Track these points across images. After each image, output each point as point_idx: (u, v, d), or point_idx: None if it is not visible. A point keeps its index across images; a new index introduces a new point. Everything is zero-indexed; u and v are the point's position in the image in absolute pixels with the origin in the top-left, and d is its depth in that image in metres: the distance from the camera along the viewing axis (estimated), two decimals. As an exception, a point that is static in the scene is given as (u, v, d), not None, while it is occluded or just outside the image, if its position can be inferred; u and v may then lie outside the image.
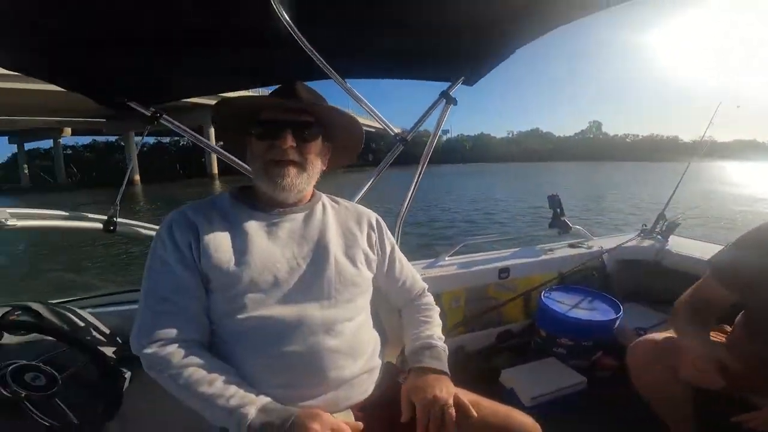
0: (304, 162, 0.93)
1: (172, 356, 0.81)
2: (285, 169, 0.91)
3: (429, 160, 1.67)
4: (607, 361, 1.82)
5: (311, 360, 0.87)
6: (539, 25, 1.19)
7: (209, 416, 0.80)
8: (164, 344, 0.82)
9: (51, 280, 7.07)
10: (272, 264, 0.90)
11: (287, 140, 0.90)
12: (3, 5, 0.82)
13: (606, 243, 2.31)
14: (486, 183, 27.92)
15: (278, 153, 0.91)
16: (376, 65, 1.50)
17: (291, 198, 0.97)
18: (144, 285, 0.88)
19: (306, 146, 0.93)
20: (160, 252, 0.89)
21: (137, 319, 0.86)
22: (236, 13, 0.99)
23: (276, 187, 0.93)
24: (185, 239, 0.89)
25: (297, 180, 0.93)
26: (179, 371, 0.80)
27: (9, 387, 0.94)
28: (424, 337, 1.05)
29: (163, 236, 0.90)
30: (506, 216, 12.39)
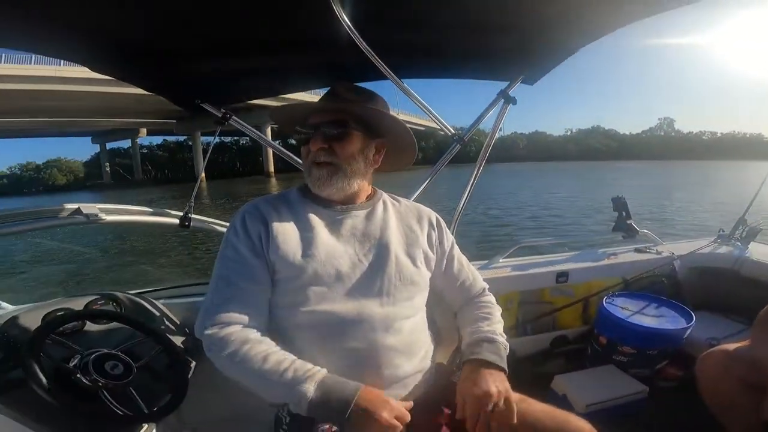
0: (338, 162, 0.95)
1: (231, 336, 0.83)
2: (318, 170, 0.95)
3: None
4: (672, 370, 1.72)
5: (369, 356, 0.88)
6: (606, 22, 1.14)
7: (268, 394, 0.83)
8: (224, 326, 0.85)
9: (129, 271, 7.72)
10: (335, 259, 0.92)
11: (316, 143, 0.94)
12: (99, 21, 0.94)
13: (677, 248, 2.15)
14: (542, 182, 26.77)
15: (312, 156, 0.96)
16: (433, 65, 1.50)
17: (335, 195, 0.99)
18: (215, 270, 0.92)
19: (337, 146, 0.95)
20: (233, 240, 0.93)
21: (204, 303, 0.89)
22: (300, 18, 1.04)
23: (314, 186, 0.97)
24: (256, 229, 0.93)
25: (333, 179, 0.95)
26: (236, 349, 0.82)
27: (90, 375, 0.98)
28: (485, 331, 1.02)
29: (236, 225, 0.95)
30: (565, 218, 11.84)
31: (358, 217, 1.00)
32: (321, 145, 0.94)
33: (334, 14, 0.97)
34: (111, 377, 0.99)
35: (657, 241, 2.21)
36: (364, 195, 1.04)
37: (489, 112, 1.62)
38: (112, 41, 1.01)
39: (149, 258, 8.67)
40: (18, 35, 0.95)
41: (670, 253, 2.09)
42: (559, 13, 1.10)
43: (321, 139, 0.94)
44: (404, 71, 1.40)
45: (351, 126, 0.95)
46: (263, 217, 0.95)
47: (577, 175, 33.77)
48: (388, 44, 1.18)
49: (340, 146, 0.95)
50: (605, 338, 1.78)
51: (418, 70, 1.52)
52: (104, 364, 1.01)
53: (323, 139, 0.94)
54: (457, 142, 1.60)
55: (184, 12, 0.94)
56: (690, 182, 24.25)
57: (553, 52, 1.35)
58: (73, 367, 0.97)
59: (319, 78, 1.52)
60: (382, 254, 0.96)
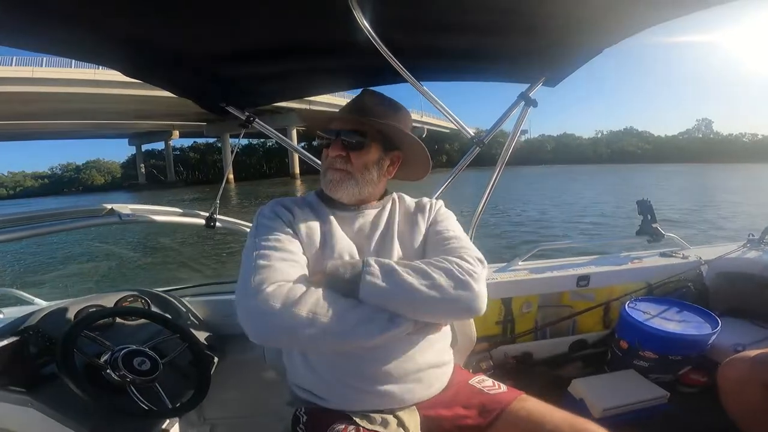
0: (352, 170, 0.99)
1: (293, 289, 0.82)
2: (333, 175, 0.99)
3: (506, 161, 1.64)
4: (694, 376, 1.67)
5: (381, 349, 0.90)
6: (631, 23, 1.12)
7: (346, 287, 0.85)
8: (272, 285, 0.82)
9: (157, 269, 8.03)
10: (346, 253, 0.96)
11: (335, 149, 0.98)
12: (130, 28, 0.99)
13: (705, 253, 2.08)
14: (569, 186, 26.11)
15: (329, 160, 1.00)
16: (453, 68, 1.50)
17: (345, 198, 1.02)
18: (249, 254, 0.89)
19: (354, 155, 0.98)
20: (266, 223, 0.96)
21: (242, 283, 0.85)
22: (321, 23, 1.07)
23: (327, 189, 1.01)
24: (287, 218, 0.98)
25: (345, 185, 0.99)
26: (302, 297, 0.81)
27: (119, 370, 1.00)
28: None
29: (267, 213, 0.99)
30: (589, 222, 11.58)
31: (368, 216, 1.04)
32: (339, 152, 0.97)
33: (354, 19, 0.99)
34: (138, 373, 1.02)
35: (684, 246, 2.15)
36: (376, 197, 1.08)
37: (509, 115, 1.60)
38: (142, 47, 1.07)
39: (176, 257, 8.97)
40: (52, 40, 1.00)
41: (698, 258, 2.02)
42: (585, 15, 1.09)
43: (339, 146, 0.97)
44: (424, 74, 1.42)
45: (370, 137, 0.99)
46: (290, 210, 1.00)
47: (606, 179, 32.71)
48: (409, 47, 1.20)
49: (357, 156, 0.98)
50: (626, 343, 1.74)
51: (438, 73, 1.53)
52: (133, 360, 1.04)
53: (341, 146, 0.97)
54: (476, 145, 1.60)
55: (211, 19, 0.99)
56: (731, 186, 23.07)
57: (576, 54, 1.33)
58: (103, 362, 1.02)
59: (341, 81, 1.55)
60: (385, 248, 1.00)
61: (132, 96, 29.82)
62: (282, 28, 1.08)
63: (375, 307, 0.84)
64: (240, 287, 0.85)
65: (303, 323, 0.79)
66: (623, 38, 1.18)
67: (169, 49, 1.12)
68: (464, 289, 0.86)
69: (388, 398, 0.91)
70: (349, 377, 0.91)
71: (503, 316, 1.86)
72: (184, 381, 1.18)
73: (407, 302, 0.84)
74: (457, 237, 1.01)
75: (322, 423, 0.90)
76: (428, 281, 0.85)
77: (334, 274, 0.87)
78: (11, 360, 1.01)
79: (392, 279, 0.84)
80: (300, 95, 1.67)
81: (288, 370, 1.05)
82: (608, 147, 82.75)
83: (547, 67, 1.44)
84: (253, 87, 1.44)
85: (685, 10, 1.02)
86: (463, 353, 1.33)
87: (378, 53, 1.13)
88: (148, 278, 7.31)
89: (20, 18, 0.85)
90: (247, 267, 0.87)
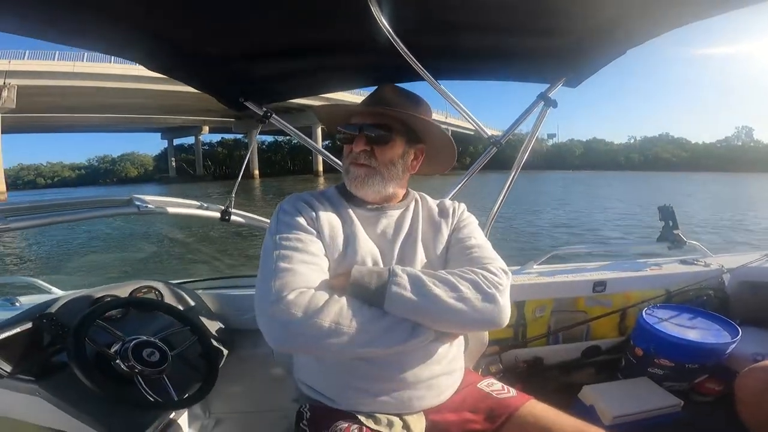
0: (377, 165, 0.96)
1: (315, 297, 0.80)
2: (356, 170, 0.96)
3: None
4: (710, 385, 1.62)
5: (396, 355, 0.87)
6: (656, 24, 1.08)
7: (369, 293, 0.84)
8: (293, 292, 0.80)
9: (171, 261, 8.23)
10: (370, 256, 0.93)
11: (359, 144, 0.95)
12: (156, 23, 1.01)
13: (727, 261, 2.01)
14: (595, 191, 25.47)
15: (352, 156, 0.97)
16: (472, 67, 1.48)
17: (370, 196, 0.99)
18: (269, 253, 0.88)
19: (378, 150, 0.96)
20: (287, 219, 0.92)
21: (262, 285, 0.83)
22: (340, 21, 1.06)
23: (352, 186, 0.98)
24: (308, 215, 0.94)
25: (369, 180, 0.96)
26: (326, 305, 0.80)
27: (129, 361, 1.00)
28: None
29: (287, 209, 0.95)
30: (611, 227, 11.33)
31: (392, 217, 1.01)
32: (363, 147, 0.95)
33: (372, 17, 0.98)
34: (147, 364, 1.02)
35: (706, 253, 2.09)
36: (399, 195, 1.05)
37: (528, 116, 1.56)
38: (163, 41, 1.09)
39: (193, 250, 9.09)
40: (75, 31, 0.99)
41: (719, 266, 1.96)
42: (609, 15, 1.06)
43: (363, 141, 0.95)
44: (442, 73, 1.40)
45: (395, 131, 0.96)
46: (311, 206, 0.97)
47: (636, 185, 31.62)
48: (427, 46, 1.17)
49: (381, 150, 0.96)
50: (641, 350, 1.70)
51: (456, 72, 1.52)
52: (142, 351, 1.03)
53: (365, 141, 0.95)
54: (493, 145, 1.58)
55: (232, 16, 1.01)
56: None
57: (599, 55, 1.29)
58: (113, 352, 1.01)
59: (358, 79, 1.56)
60: (410, 253, 0.97)
61: (165, 91, 30.92)
62: (301, 26, 1.07)
63: (398, 317, 0.83)
64: (260, 291, 0.82)
65: (325, 333, 0.77)
66: (648, 39, 1.15)
67: (190, 44, 1.13)
68: (490, 302, 0.85)
69: (397, 403, 0.90)
70: (360, 380, 0.89)
71: (515, 319, 1.83)
72: (191, 374, 1.18)
73: (433, 314, 0.83)
74: (480, 246, 0.99)
75: (325, 420, 0.89)
76: (456, 293, 0.83)
77: (359, 282, 0.84)
78: (24, 347, 1.01)
79: (420, 290, 0.82)
80: (317, 92, 1.70)
81: (296, 367, 1.04)
82: (641, 153, 79.53)
83: (569, 67, 1.41)
84: (271, 83, 1.45)
85: (714, 10, 0.99)
86: (473, 356, 1.31)
87: (396, 51, 1.11)
88: (164, 270, 7.45)
89: (44, 9, 0.86)
90: (268, 269, 0.84)
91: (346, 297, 0.82)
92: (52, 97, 32.02)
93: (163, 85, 30.03)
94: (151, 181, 72.46)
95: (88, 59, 28.37)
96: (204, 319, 1.43)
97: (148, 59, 1.15)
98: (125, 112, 43.86)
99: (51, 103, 34.46)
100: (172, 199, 1.45)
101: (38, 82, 27.82)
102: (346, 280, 0.85)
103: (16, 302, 1.63)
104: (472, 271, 0.89)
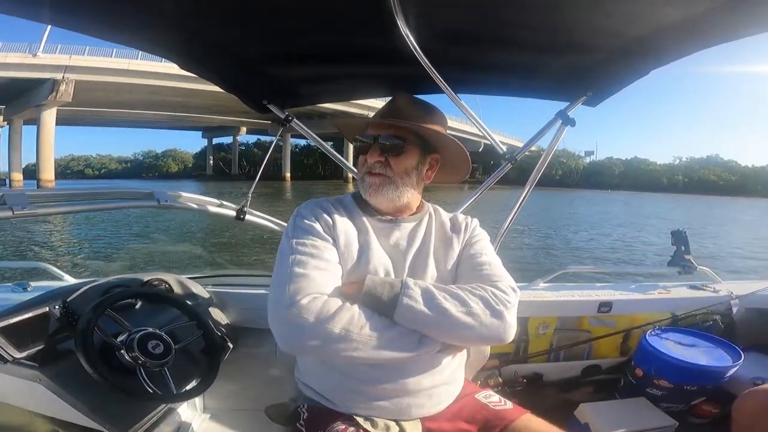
0: (392, 175, 0.98)
1: (327, 303, 0.83)
2: (371, 179, 0.98)
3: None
4: (706, 407, 1.62)
5: (399, 365, 0.89)
6: (683, 45, 1.07)
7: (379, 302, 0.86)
8: (307, 297, 0.83)
9: (184, 255, 8.33)
10: (382, 267, 0.95)
11: (374, 155, 0.97)
12: (189, 23, 1.04)
13: (737, 288, 1.98)
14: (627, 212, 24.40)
15: (367, 166, 0.99)
16: (492, 82, 1.49)
17: (384, 207, 1.02)
18: (283, 258, 0.90)
19: (393, 160, 0.98)
20: (304, 225, 0.95)
21: (276, 289, 0.86)
22: (365, 31, 1.08)
23: (366, 195, 1.00)
24: (324, 221, 0.97)
25: (384, 189, 0.98)
26: (324, 313, 0.82)
27: (133, 352, 1.01)
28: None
29: (305, 214, 0.98)
30: (625, 250, 10.99)
31: (405, 230, 1.03)
32: (378, 158, 0.97)
33: (397, 28, 0.98)
34: (151, 356, 1.03)
35: (716, 279, 2.06)
36: (413, 207, 1.07)
37: (545, 133, 1.55)
38: (194, 40, 1.12)
39: (207, 246, 9.25)
40: (105, 25, 1.00)
41: (729, 293, 1.93)
42: (635, 34, 1.05)
43: (378, 151, 0.97)
44: (462, 86, 1.41)
45: (409, 141, 0.98)
46: (328, 213, 0.99)
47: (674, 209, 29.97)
48: (449, 59, 1.18)
49: (396, 161, 0.98)
50: (642, 370, 1.69)
51: (476, 86, 1.53)
52: (148, 342, 1.04)
53: (380, 152, 0.97)
54: (508, 161, 1.58)
55: (260, 19, 1.03)
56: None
57: (623, 74, 1.28)
58: (119, 342, 1.03)
59: (379, 88, 1.60)
60: (421, 266, 0.99)
61: (207, 91, 32.04)
62: (327, 33, 1.10)
63: (407, 328, 0.85)
64: (274, 294, 0.86)
65: (335, 339, 0.80)
66: (675, 59, 1.14)
67: (219, 45, 1.17)
68: (498, 318, 0.87)
69: (395, 409, 0.92)
70: (361, 384, 0.91)
71: (518, 335, 1.79)
72: (192, 368, 1.19)
73: (442, 327, 0.86)
74: (490, 263, 1.01)
75: (323, 421, 0.91)
76: (465, 308, 0.86)
77: (371, 292, 0.87)
78: (32, 333, 1.02)
79: (430, 303, 0.85)
80: (339, 99, 1.73)
81: (298, 368, 1.06)
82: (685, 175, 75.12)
83: (591, 86, 1.39)
84: (294, 87, 1.49)
85: (742, 32, 0.97)
86: (473, 368, 1.33)
87: (417, 62, 1.12)
88: (177, 264, 7.56)
89: (81, 3, 0.89)
90: (283, 273, 0.87)
91: (357, 305, 0.85)
92: (107, 93, 33.79)
93: (204, 85, 31.09)
94: (190, 178, 74.99)
95: (141, 58, 29.95)
96: (211, 314, 1.44)
97: (178, 57, 1.19)
98: (169, 109, 45.87)
99: (104, 99, 36.37)
100: (191, 195, 1.48)
101: (95, 78, 29.47)
102: (358, 289, 0.88)
103: (27, 287, 1.65)
104: (481, 287, 0.91)
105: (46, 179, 29.57)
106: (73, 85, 28.71)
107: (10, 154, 33.58)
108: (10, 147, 33.73)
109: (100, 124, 69.32)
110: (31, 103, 29.87)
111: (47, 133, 29.86)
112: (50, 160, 31.01)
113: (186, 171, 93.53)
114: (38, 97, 28.87)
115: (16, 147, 33.81)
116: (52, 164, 31.24)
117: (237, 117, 52.32)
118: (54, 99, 28.34)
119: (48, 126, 29.81)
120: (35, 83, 28.42)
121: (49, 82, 28.05)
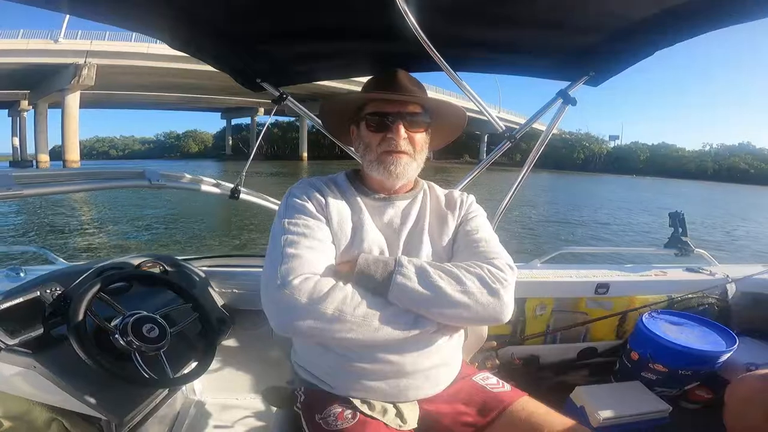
0: (413, 151, 0.98)
1: (320, 283, 0.82)
2: (398, 159, 0.96)
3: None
4: (699, 392, 1.63)
5: (396, 344, 0.88)
6: (691, 25, 1.03)
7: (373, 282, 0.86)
8: (300, 277, 0.82)
9: (178, 236, 8.26)
10: (376, 246, 0.94)
11: (400, 132, 0.95)
12: (173, 3, 1.01)
13: (732, 271, 1.96)
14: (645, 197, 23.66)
15: (392, 144, 0.95)
16: (493, 61, 1.46)
17: (396, 185, 1.01)
18: (276, 239, 0.90)
19: (415, 136, 0.98)
20: (297, 205, 0.94)
21: (269, 269, 0.85)
22: (362, 6, 1.05)
23: (390, 176, 0.97)
24: (317, 201, 0.96)
25: (408, 168, 0.97)
26: (316, 292, 0.81)
27: (127, 336, 0.98)
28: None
29: (297, 194, 0.97)
30: (624, 231, 10.94)
31: (399, 207, 1.03)
32: (404, 135, 0.96)
33: (395, 4, 0.97)
34: (146, 340, 1.01)
35: (711, 262, 2.04)
36: (410, 184, 1.07)
37: (545, 112, 1.52)
38: (183, 19, 1.10)
39: (202, 227, 9.20)
40: (91, 5, 0.98)
41: (724, 276, 1.92)
42: (640, 14, 1.03)
43: (404, 129, 0.96)
44: (462, 65, 1.39)
45: (423, 117, 0.99)
46: (321, 193, 0.98)
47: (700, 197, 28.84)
48: (449, 37, 1.16)
49: (419, 137, 0.99)
50: (637, 354, 1.69)
51: (476, 64, 1.50)
52: (142, 326, 1.02)
53: (405, 129, 0.96)
54: (507, 139, 1.57)
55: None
56: None
57: (626, 54, 1.25)
58: (113, 327, 1.01)
59: (376, 65, 1.52)
60: (416, 244, 0.98)
61: (221, 72, 32.35)
62: (322, 9, 1.07)
63: (402, 308, 0.84)
64: (266, 275, 0.85)
65: (328, 320, 0.79)
66: (681, 41, 1.11)
67: (210, 23, 1.14)
68: (494, 296, 0.86)
69: (393, 391, 0.92)
70: (357, 366, 0.90)
71: (515, 316, 1.82)
72: (188, 352, 1.17)
73: (437, 306, 0.84)
74: (487, 240, 0.99)
75: (320, 404, 0.91)
76: (461, 287, 0.85)
77: (364, 271, 0.86)
78: (24, 319, 0.98)
79: (425, 282, 0.84)
80: (334, 76, 1.70)
81: (295, 350, 1.06)
82: (715, 162, 71.75)
83: (594, 66, 1.36)
84: (289, 65, 1.46)
85: (752, 15, 0.94)
86: (470, 350, 1.33)
87: (416, 40, 1.10)
88: (173, 245, 7.52)
89: None
90: (275, 253, 0.86)
91: (350, 285, 0.84)
92: (128, 76, 34.34)
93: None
94: (209, 158, 76.05)
95: (160, 42, 30.24)
96: (206, 296, 1.42)
97: (170, 37, 1.18)
98: (188, 91, 46.32)
99: (126, 82, 37.03)
100: (183, 174, 1.45)
101: (116, 62, 29.92)
102: (351, 268, 0.87)
103: (20, 272, 1.61)
104: (477, 265, 0.89)
105: (72, 159, 30.63)
106: (95, 70, 29.28)
107: (36, 137, 34.95)
108: (36, 130, 35.08)
109: (123, 106, 70.83)
110: (54, 87, 30.66)
111: (71, 116, 30.73)
112: (75, 141, 31.98)
113: (206, 151, 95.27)
114: (61, 82, 29.59)
115: (42, 130, 35.02)
116: (77, 145, 32.24)
117: (254, 98, 52.49)
118: (77, 83, 29.05)
119: (72, 109, 30.65)
120: (58, 68, 29.06)
121: (71, 67, 28.68)
